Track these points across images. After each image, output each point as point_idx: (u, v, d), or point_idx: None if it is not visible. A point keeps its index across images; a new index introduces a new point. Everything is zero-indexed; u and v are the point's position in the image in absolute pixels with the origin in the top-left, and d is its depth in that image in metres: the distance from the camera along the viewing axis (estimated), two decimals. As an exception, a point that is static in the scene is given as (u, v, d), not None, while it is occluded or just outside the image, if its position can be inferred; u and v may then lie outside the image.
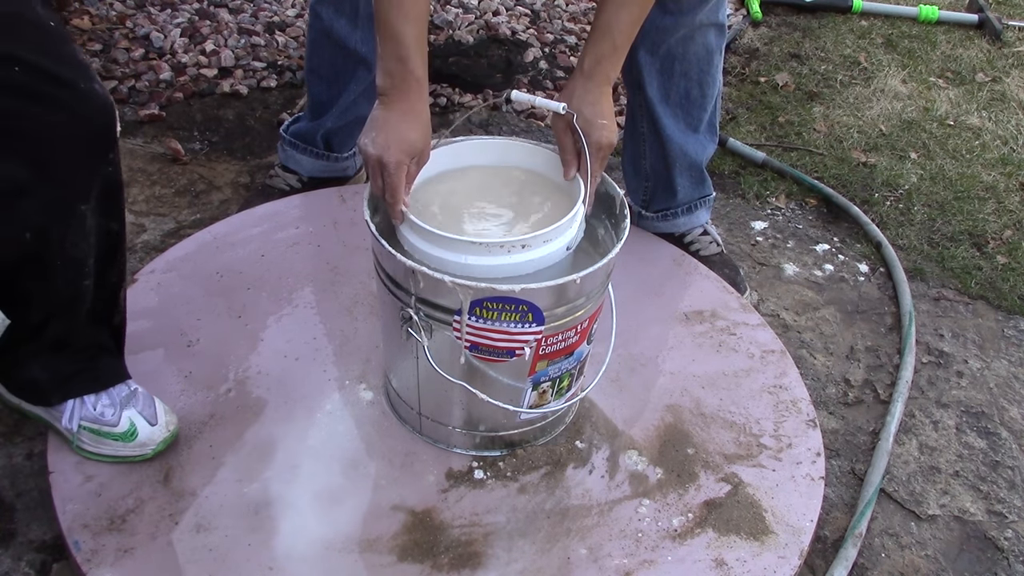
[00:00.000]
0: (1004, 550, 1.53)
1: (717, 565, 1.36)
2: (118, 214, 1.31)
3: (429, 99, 1.28)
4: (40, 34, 1.13)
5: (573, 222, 1.30)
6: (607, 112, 1.35)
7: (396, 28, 1.21)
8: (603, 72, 1.35)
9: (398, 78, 1.23)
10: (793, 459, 1.53)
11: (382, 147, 1.24)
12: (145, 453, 1.40)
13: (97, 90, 1.18)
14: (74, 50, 1.18)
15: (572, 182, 1.37)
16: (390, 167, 1.24)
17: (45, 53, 1.12)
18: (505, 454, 1.48)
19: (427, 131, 1.28)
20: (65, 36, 1.19)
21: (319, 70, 1.91)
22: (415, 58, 1.23)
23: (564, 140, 1.37)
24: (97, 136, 1.21)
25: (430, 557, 1.33)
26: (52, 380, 1.38)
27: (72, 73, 1.15)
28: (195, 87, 2.42)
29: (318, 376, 1.59)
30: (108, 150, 1.23)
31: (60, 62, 1.14)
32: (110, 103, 1.20)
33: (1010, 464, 1.68)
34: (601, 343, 1.48)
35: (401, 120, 1.25)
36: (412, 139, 1.26)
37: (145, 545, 1.30)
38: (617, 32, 1.34)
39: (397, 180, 1.25)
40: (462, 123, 2.45)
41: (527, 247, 1.24)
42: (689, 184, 1.91)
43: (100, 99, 1.18)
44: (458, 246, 1.23)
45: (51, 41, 1.15)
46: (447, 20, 2.83)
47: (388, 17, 1.21)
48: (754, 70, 2.84)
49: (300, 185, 2.03)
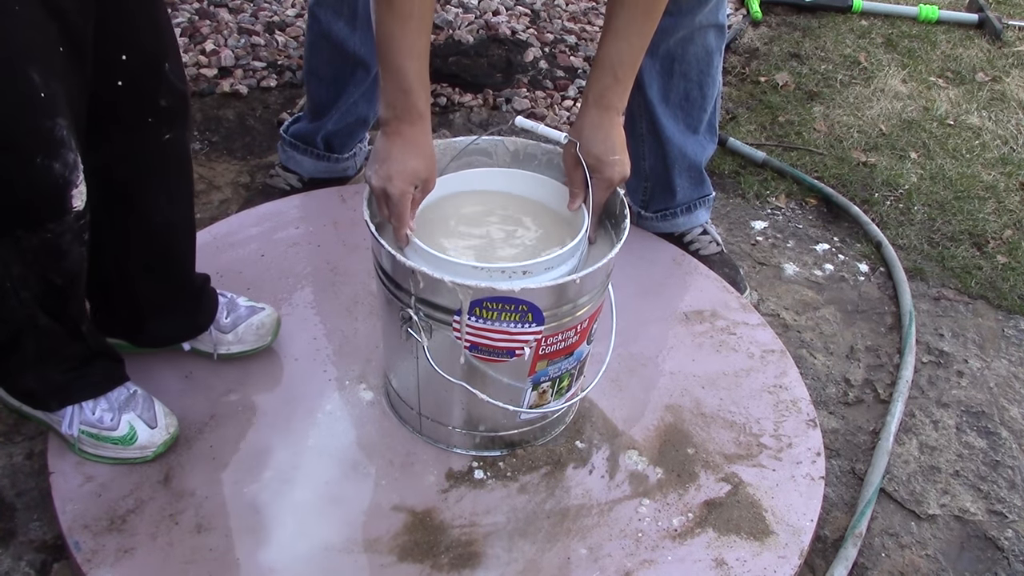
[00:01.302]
0: (1004, 550, 1.53)
1: (717, 565, 1.36)
2: (62, 273, 1.25)
3: (431, 98, 1.28)
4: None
5: (576, 251, 1.30)
6: (619, 146, 1.35)
7: (398, 63, 1.22)
8: (610, 104, 1.35)
9: (400, 110, 1.24)
10: (793, 459, 1.53)
11: (385, 178, 1.26)
12: (146, 455, 1.40)
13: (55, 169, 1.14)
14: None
15: (576, 213, 1.37)
16: (394, 197, 1.26)
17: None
18: (505, 454, 1.49)
19: (430, 161, 1.29)
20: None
21: (318, 72, 1.91)
22: (417, 91, 1.24)
23: (573, 174, 1.37)
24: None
25: (430, 557, 1.33)
26: (47, 390, 1.38)
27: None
28: (195, 87, 2.42)
29: (318, 376, 1.59)
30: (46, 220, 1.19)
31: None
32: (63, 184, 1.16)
33: (1010, 464, 1.68)
34: (601, 343, 1.48)
35: (403, 151, 1.26)
36: (414, 168, 1.27)
37: (145, 545, 1.30)
38: (618, 64, 1.33)
39: (402, 208, 1.27)
40: (462, 123, 2.45)
41: (528, 273, 1.24)
42: (688, 184, 1.91)
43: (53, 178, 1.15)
44: (459, 270, 1.23)
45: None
46: (447, 20, 2.82)
47: (390, 53, 1.22)
48: (754, 70, 2.84)
49: (300, 185, 2.04)
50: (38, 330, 1.30)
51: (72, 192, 1.17)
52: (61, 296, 1.28)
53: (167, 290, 1.49)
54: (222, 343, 1.57)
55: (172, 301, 1.51)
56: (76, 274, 1.27)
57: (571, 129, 1.38)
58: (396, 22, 1.19)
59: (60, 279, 1.25)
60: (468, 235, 1.37)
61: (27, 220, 1.18)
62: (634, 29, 1.31)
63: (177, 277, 1.50)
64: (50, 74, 1.10)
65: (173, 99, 1.32)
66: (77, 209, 1.19)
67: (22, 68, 1.07)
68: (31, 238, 1.19)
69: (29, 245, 1.19)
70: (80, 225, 1.22)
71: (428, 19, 1.23)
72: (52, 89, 1.10)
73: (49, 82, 1.10)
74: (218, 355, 1.57)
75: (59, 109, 1.12)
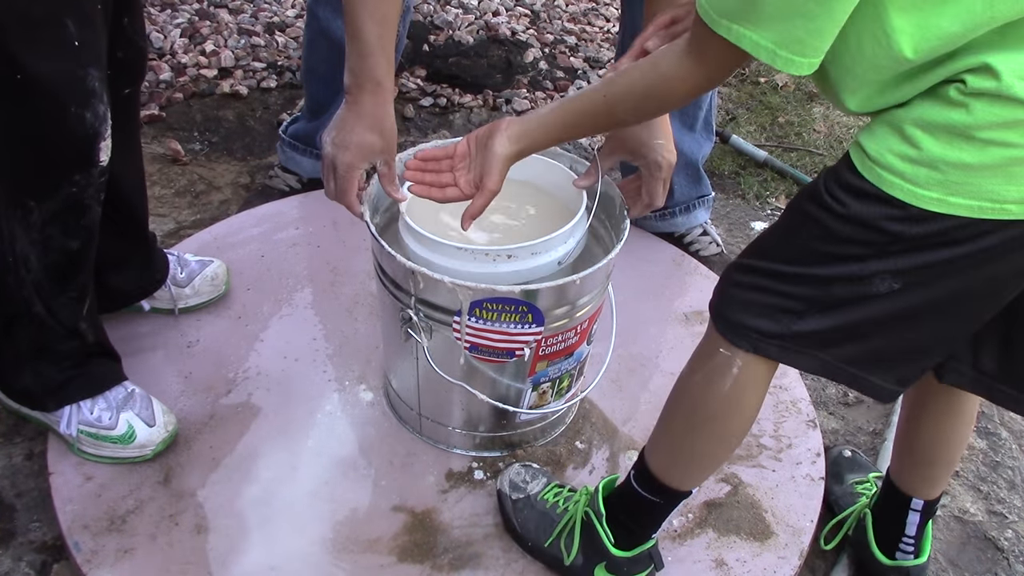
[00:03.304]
0: (1004, 550, 1.53)
1: (717, 565, 1.36)
2: (80, 233, 1.28)
3: (393, 68, 1.25)
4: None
5: (566, 238, 1.28)
6: (663, 130, 1.29)
7: (359, 26, 1.18)
8: None
9: (361, 77, 1.21)
10: (793, 459, 1.53)
11: (338, 147, 1.23)
12: (145, 454, 1.40)
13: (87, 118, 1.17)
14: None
15: (579, 200, 1.33)
16: (340, 169, 1.23)
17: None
18: (505, 455, 1.48)
19: (388, 134, 1.25)
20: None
21: (317, 70, 1.91)
22: (376, 57, 1.20)
23: (605, 161, 1.32)
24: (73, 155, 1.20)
25: (430, 558, 1.33)
26: (45, 388, 1.38)
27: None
28: (195, 87, 2.42)
29: (318, 377, 1.59)
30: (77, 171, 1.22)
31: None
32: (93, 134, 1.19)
33: (1010, 464, 1.68)
34: (601, 343, 1.48)
35: (357, 122, 1.22)
36: (370, 143, 1.23)
37: (145, 546, 1.30)
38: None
39: (346, 184, 1.24)
40: (462, 124, 2.45)
41: (513, 257, 1.23)
42: (686, 183, 1.91)
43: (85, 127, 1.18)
44: (444, 250, 1.22)
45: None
46: (447, 20, 2.83)
47: (353, 15, 1.19)
48: (754, 70, 2.84)
49: (300, 186, 2.04)
50: (32, 319, 1.31)
51: (100, 144, 1.20)
52: (66, 272, 1.30)
53: (124, 245, 1.53)
54: (181, 297, 1.64)
55: (128, 255, 1.55)
56: (93, 235, 1.30)
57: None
58: None
59: (77, 241, 1.28)
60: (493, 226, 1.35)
61: (53, 176, 1.20)
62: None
63: (133, 231, 1.55)
64: (84, 23, 1.13)
65: (130, 52, 1.34)
66: (102, 164, 1.22)
67: (59, 15, 1.10)
68: (49, 204, 1.21)
69: (43, 215, 1.21)
70: (101, 182, 1.25)
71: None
72: (85, 38, 1.13)
73: (83, 31, 1.13)
74: (179, 309, 1.65)
75: (91, 59, 1.15)
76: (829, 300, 0.97)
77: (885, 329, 0.97)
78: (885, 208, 0.89)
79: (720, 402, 1.08)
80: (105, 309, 1.53)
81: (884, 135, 0.89)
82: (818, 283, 0.97)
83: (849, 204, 0.91)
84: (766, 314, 1.01)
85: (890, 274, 0.92)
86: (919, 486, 1.32)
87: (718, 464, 1.23)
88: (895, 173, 0.87)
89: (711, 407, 1.09)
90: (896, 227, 0.89)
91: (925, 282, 0.92)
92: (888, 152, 0.88)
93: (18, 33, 1.08)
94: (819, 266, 0.96)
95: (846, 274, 0.94)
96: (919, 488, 1.33)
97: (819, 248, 0.96)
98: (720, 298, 1.07)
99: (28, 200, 1.20)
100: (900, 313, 0.94)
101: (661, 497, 1.20)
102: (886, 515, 1.37)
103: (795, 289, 0.99)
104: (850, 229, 0.92)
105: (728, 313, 1.05)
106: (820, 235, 0.95)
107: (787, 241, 1.01)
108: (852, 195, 0.91)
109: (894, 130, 0.88)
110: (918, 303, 0.93)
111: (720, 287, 1.07)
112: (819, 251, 0.96)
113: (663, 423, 1.19)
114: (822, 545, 1.45)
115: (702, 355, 1.10)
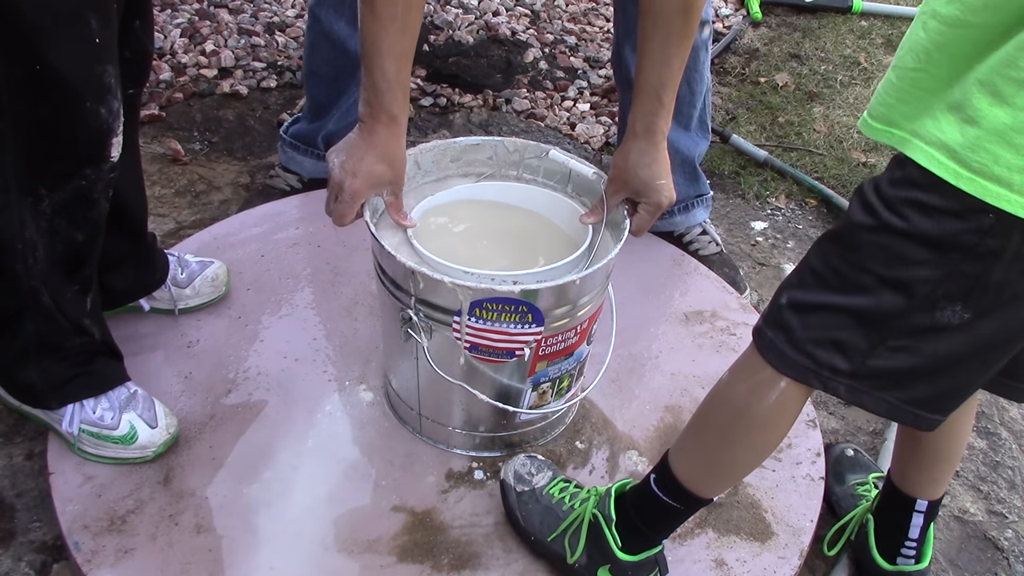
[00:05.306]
0: (1004, 550, 1.53)
1: (717, 565, 1.36)
2: (86, 226, 1.29)
3: (408, 100, 1.27)
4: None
5: (571, 268, 1.29)
6: (664, 171, 1.33)
7: (376, 62, 1.20)
8: (657, 129, 1.33)
9: (375, 108, 1.23)
10: (793, 459, 1.53)
11: (347, 173, 1.25)
12: (146, 455, 1.40)
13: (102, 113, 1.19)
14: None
15: (582, 233, 1.36)
16: (345, 194, 1.25)
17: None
18: (505, 455, 1.48)
19: (397, 166, 1.28)
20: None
21: (319, 72, 1.91)
22: (392, 92, 1.22)
23: (611, 199, 1.36)
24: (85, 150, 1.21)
25: (430, 558, 1.33)
26: (49, 385, 1.38)
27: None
28: (195, 87, 2.42)
29: (318, 377, 1.59)
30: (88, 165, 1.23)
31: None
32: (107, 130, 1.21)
33: (1010, 464, 1.68)
34: (601, 343, 1.48)
35: (368, 152, 1.25)
36: (379, 173, 1.26)
37: (145, 546, 1.30)
38: (661, 89, 1.31)
39: (348, 208, 1.26)
40: (462, 124, 2.45)
41: (518, 283, 1.24)
42: (683, 181, 1.90)
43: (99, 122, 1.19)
44: (451, 273, 1.23)
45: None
46: (447, 20, 2.83)
47: (372, 50, 1.20)
48: (754, 70, 2.84)
49: (300, 186, 2.04)
50: (40, 310, 1.31)
51: (112, 140, 1.22)
52: (71, 264, 1.31)
53: (123, 244, 1.53)
54: (181, 298, 1.65)
55: (128, 254, 1.56)
56: (98, 229, 1.31)
57: (616, 154, 1.36)
58: (378, 24, 1.17)
59: (83, 234, 1.29)
60: (472, 242, 1.37)
61: (65, 168, 1.22)
62: (673, 52, 1.29)
63: (132, 230, 1.55)
64: (105, 21, 1.16)
65: (137, 53, 1.36)
66: (113, 160, 1.24)
67: (84, 12, 1.12)
68: (58, 194, 1.22)
69: (52, 205, 1.23)
70: (111, 178, 1.26)
71: (413, 19, 1.20)
72: (105, 36, 1.16)
73: (104, 29, 1.15)
74: (179, 310, 1.65)
75: (109, 56, 1.18)
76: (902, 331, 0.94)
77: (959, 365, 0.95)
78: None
79: (764, 413, 1.07)
80: (104, 307, 1.53)
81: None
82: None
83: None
84: (836, 350, 0.98)
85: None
86: (923, 486, 1.32)
87: (747, 474, 1.22)
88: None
89: (756, 418, 1.08)
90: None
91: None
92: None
93: (44, 27, 1.10)
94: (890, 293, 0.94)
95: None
96: (923, 488, 1.32)
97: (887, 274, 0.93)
98: (776, 333, 1.03)
99: (40, 188, 1.22)
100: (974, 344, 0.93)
101: (682, 503, 1.19)
102: (888, 518, 1.37)
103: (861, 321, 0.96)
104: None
105: (789, 351, 1.02)
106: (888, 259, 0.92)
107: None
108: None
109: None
110: (989, 332, 0.91)
111: (773, 322, 1.04)
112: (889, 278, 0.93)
113: (696, 430, 1.17)
114: (825, 551, 1.45)
115: (747, 367, 1.08)
